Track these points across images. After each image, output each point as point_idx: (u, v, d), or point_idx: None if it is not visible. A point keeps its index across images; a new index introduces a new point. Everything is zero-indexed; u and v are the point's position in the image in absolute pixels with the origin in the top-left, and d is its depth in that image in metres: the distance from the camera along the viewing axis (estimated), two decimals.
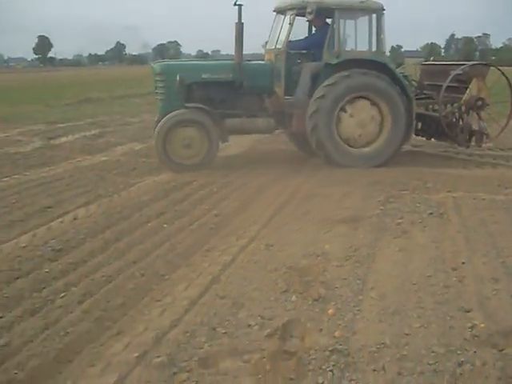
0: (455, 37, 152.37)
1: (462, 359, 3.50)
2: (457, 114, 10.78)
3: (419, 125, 11.30)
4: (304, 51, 10.10)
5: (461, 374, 3.36)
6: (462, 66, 10.34)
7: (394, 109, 9.55)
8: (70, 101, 23.72)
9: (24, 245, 5.67)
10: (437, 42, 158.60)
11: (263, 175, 8.87)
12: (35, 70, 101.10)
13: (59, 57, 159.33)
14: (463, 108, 10.47)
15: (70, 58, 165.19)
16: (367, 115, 9.59)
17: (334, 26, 9.52)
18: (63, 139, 13.21)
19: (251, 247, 5.64)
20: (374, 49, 9.84)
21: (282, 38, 9.70)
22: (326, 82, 9.26)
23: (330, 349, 3.61)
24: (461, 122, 10.64)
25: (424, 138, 11.72)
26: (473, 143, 10.70)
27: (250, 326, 3.97)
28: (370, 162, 9.57)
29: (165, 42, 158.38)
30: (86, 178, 8.78)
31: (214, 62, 11.18)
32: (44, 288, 4.61)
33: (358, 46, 10.15)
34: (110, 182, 8.49)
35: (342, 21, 9.72)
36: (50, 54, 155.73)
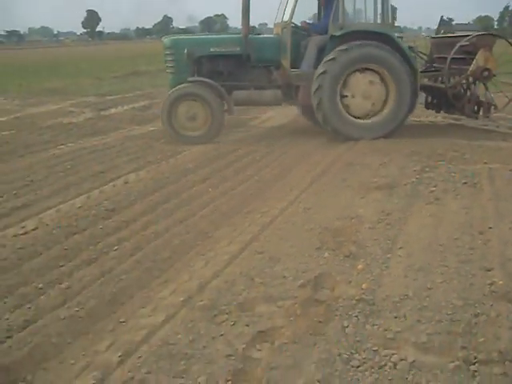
0: (510, 9, 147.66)
1: (479, 311, 3.80)
2: (464, 85, 10.81)
3: (429, 98, 11.51)
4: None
5: (476, 323, 3.66)
6: (468, 37, 10.31)
7: (398, 79, 9.65)
8: (119, 74, 24.42)
9: (79, 205, 6.18)
10: (490, 15, 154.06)
11: (304, 145, 9.20)
12: (84, 44, 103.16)
13: (107, 31, 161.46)
14: (470, 79, 10.51)
15: (117, 31, 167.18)
16: (372, 86, 9.74)
17: None
18: (113, 110, 13.80)
19: (289, 210, 6.00)
20: (378, 21, 10.00)
21: (288, 10, 9.88)
22: (326, 58, 9.44)
23: (356, 298, 3.97)
24: (468, 93, 10.68)
25: (434, 111, 11.83)
26: (481, 114, 10.76)
27: (284, 277, 4.35)
28: (377, 133, 9.73)
29: (212, 15, 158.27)
30: (136, 146, 9.29)
31: (222, 35, 11.50)
32: (99, 242, 5.09)
33: (364, 18, 10.33)
34: (158, 150, 8.96)
35: None
36: (99, 28, 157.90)
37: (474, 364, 3.20)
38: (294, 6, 9.71)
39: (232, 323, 3.67)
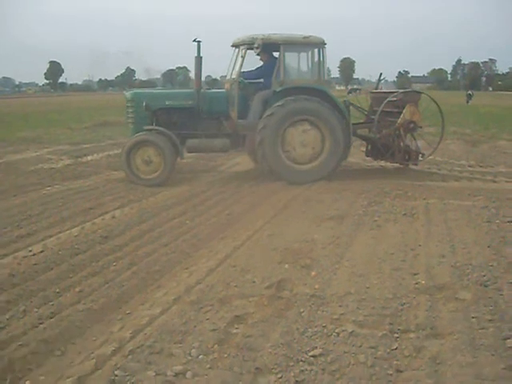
0: (462, 62, 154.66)
1: (404, 301, 4.98)
2: (395, 136, 11.84)
3: (369, 147, 12.89)
4: (254, 81, 11.58)
5: (401, 309, 4.83)
6: (396, 93, 11.81)
7: (332, 129, 10.92)
8: (89, 124, 25.38)
9: (76, 234, 7.19)
10: (443, 68, 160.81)
11: (268, 186, 10.39)
12: (46, 95, 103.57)
13: (70, 82, 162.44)
14: (399, 130, 11.70)
15: (79, 83, 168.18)
16: (310, 136, 10.99)
17: (280, 58, 10.98)
18: (89, 157, 14.78)
19: (256, 236, 7.14)
20: (315, 78, 11.39)
21: (236, 69, 11.31)
22: (266, 114, 10.73)
23: (310, 294, 5.11)
24: (397, 143, 11.81)
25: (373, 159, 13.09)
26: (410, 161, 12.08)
27: (254, 282, 5.47)
28: (310, 178, 10.83)
29: (174, 68, 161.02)
30: (117, 187, 10.35)
31: (177, 90, 12.98)
32: (99, 260, 6.13)
33: (303, 75, 11.79)
34: (139, 190, 10.04)
35: (287, 54, 11.15)
36: (61, 79, 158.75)
37: (396, 333, 4.35)
38: (241, 65, 11.10)
39: (215, 311, 4.77)
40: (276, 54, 11.31)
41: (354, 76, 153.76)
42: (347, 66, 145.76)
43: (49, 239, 6.97)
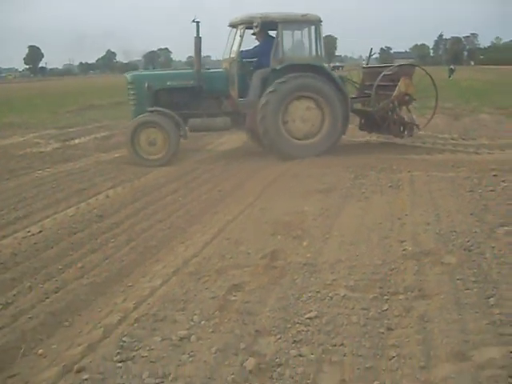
0: (443, 37, 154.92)
1: (393, 266, 5.23)
2: (390, 109, 12.20)
3: (362, 121, 13.24)
4: (252, 59, 11.78)
5: (390, 274, 5.07)
6: (392, 67, 12.14)
7: (331, 105, 11.21)
8: (73, 108, 25.41)
9: (72, 214, 7.38)
10: (426, 43, 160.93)
11: (256, 163, 10.61)
12: (27, 80, 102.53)
13: (50, 66, 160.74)
14: (394, 103, 12.04)
15: (60, 67, 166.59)
16: (310, 111, 11.27)
17: (278, 37, 11.15)
18: (77, 141, 14.89)
19: (247, 211, 7.35)
20: (313, 54, 11.54)
21: (235, 48, 11.44)
22: (267, 90, 10.94)
23: (303, 263, 5.34)
24: (392, 115, 12.18)
25: (366, 132, 13.56)
26: (405, 133, 12.45)
27: (248, 253, 5.69)
28: (311, 152, 11.09)
29: (155, 49, 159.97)
30: (108, 168, 10.52)
31: (177, 70, 12.95)
32: (97, 238, 6.33)
33: (299, 52, 11.97)
34: (129, 171, 10.21)
35: (285, 32, 11.33)
36: (41, 64, 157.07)
37: (386, 295, 4.60)
38: (239, 44, 11.28)
39: (213, 281, 4.99)
40: (272, 33, 11.51)
41: (337, 53, 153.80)
42: (329, 43, 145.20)
43: (46, 220, 7.14)
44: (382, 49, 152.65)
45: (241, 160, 11.08)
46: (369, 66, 13.93)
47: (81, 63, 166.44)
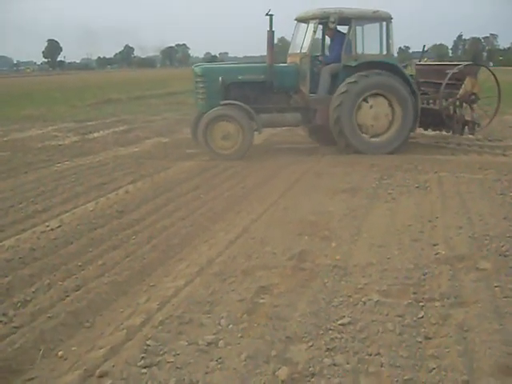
0: (463, 37, 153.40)
1: (426, 271, 5.01)
2: (455, 107, 12.26)
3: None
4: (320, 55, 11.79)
5: (424, 279, 4.85)
6: (459, 66, 11.95)
7: (404, 104, 11.12)
8: (92, 101, 25.35)
9: (91, 209, 7.22)
10: (444, 43, 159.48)
11: (278, 160, 10.39)
12: (45, 74, 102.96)
13: (68, 60, 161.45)
14: (458, 102, 12.05)
15: (78, 61, 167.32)
16: (381, 109, 11.18)
17: (351, 33, 11.12)
18: (96, 134, 14.77)
19: (271, 209, 7.14)
20: (384, 52, 11.42)
21: (306, 43, 11.33)
22: (348, 80, 10.86)
23: (332, 265, 5.13)
24: (456, 114, 12.18)
25: (422, 129, 13.27)
26: (466, 131, 12.34)
27: (274, 253, 5.49)
28: (384, 149, 11.13)
29: (173, 45, 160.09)
30: (127, 163, 10.35)
31: (248, 64, 12.57)
32: (118, 234, 6.15)
33: (369, 49, 11.69)
34: (149, 165, 10.03)
35: (358, 28, 11.25)
36: (60, 58, 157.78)
37: (421, 302, 4.38)
38: (313, 39, 11.20)
39: (239, 282, 4.79)
40: (340, 28, 11.50)
41: None
42: None
43: (65, 214, 6.99)
44: (400, 48, 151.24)
45: (263, 157, 10.86)
46: (422, 63, 13.82)
47: (99, 58, 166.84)
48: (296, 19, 11.98)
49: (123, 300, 4.58)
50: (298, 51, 11.69)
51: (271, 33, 10.98)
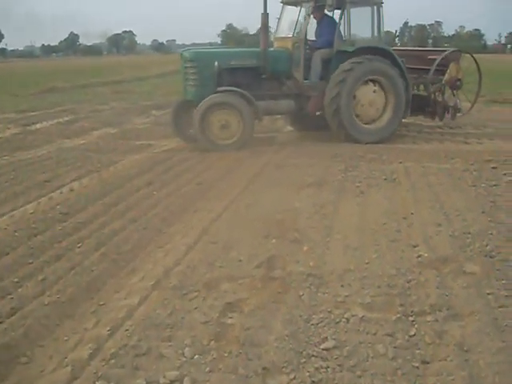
0: (409, 24, 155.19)
1: (410, 277, 4.50)
2: (441, 93, 12.14)
3: None
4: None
5: (408, 287, 4.35)
6: (445, 52, 11.92)
7: (396, 89, 10.84)
8: (35, 90, 24.03)
9: (32, 211, 6.43)
10: (391, 30, 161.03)
11: (236, 152, 9.72)
12: None
13: (10, 48, 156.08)
14: (444, 87, 11.99)
15: (21, 48, 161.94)
16: (375, 95, 10.83)
17: (345, 17, 10.64)
18: (38, 125, 13.78)
19: (232, 207, 6.53)
20: (375, 37, 11.09)
21: (301, 27, 10.81)
22: (343, 68, 10.40)
23: (306, 273, 4.56)
24: (441, 99, 12.07)
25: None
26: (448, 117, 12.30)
27: (240, 260, 4.88)
28: (381, 136, 10.87)
29: (120, 32, 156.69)
30: (73, 157, 9.52)
31: (240, 49, 11.92)
32: (62, 241, 5.42)
33: (359, 34, 11.39)
34: (96, 159, 9.25)
35: (352, 12, 10.72)
36: (1, 45, 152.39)
37: (411, 316, 3.86)
38: (307, 24, 10.67)
39: (202, 298, 4.17)
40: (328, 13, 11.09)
41: None
42: None
43: (0, 218, 6.21)
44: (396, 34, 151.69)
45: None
46: (401, 48, 13.56)
47: (43, 45, 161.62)
48: (283, 2, 11.35)
49: (68, 325, 3.89)
50: (289, 35, 11.15)
51: (265, 15, 10.33)
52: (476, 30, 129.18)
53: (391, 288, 4.32)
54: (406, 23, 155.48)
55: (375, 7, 10.95)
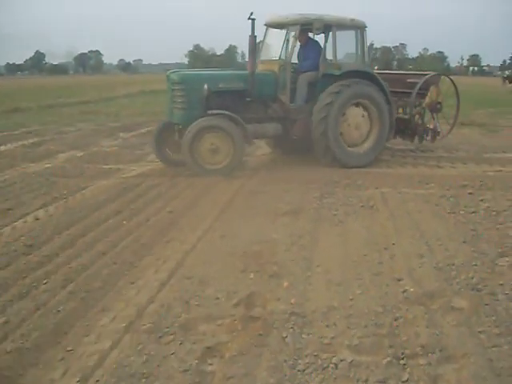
0: (374, 46, 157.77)
1: (397, 315, 4.29)
2: (420, 116, 12.27)
3: None
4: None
5: (397, 326, 4.13)
6: (426, 76, 12.04)
7: (381, 113, 10.87)
8: None
9: None
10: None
11: (206, 178, 9.47)
12: None
13: None
14: (424, 110, 12.16)
15: None
16: (361, 119, 10.84)
17: (331, 40, 10.69)
18: (2, 148, 13.28)
19: (207, 238, 6.25)
20: (359, 60, 11.16)
21: (287, 50, 10.83)
22: (331, 90, 10.37)
23: (288, 312, 4.31)
24: (420, 122, 12.23)
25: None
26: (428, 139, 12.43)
27: (217, 298, 4.60)
28: (366, 160, 10.85)
29: (86, 52, 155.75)
30: (37, 182, 9.12)
31: (227, 71, 11.63)
32: (26, 277, 5.07)
33: (350, 58, 11.46)
34: (62, 185, 8.87)
35: (338, 36, 10.76)
36: None
37: (402, 359, 3.64)
38: (293, 46, 10.58)
39: (179, 342, 3.88)
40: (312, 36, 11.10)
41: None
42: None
43: None
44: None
45: (188, 174, 9.90)
46: (382, 71, 13.97)
47: (7, 63, 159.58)
48: (267, 24, 11.22)
49: (31, 375, 3.54)
50: (274, 58, 11.11)
51: (253, 38, 10.15)
52: (439, 52, 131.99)
53: (379, 327, 4.09)
54: (371, 45, 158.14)
55: (359, 31, 11.02)
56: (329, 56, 10.93)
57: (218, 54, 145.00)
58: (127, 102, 29.08)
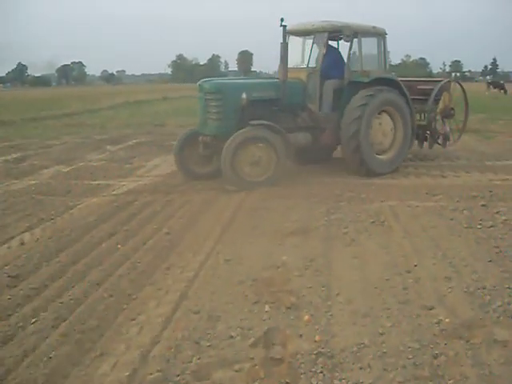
0: None
1: (436, 352, 3.79)
2: (434, 121, 12.32)
3: None
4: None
5: (438, 365, 3.63)
6: (441, 83, 12.19)
7: (405, 120, 10.92)
8: None
9: None
10: None
11: (203, 192, 8.95)
12: None
13: None
14: (439, 116, 12.31)
15: None
16: (387, 126, 10.79)
17: (357, 48, 10.69)
18: None
19: (210, 263, 5.70)
20: (382, 67, 11.20)
21: (315, 58, 10.65)
22: (358, 103, 10.22)
23: (314, 352, 3.79)
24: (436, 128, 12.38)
25: None
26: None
27: (231, 337, 4.07)
28: (389, 168, 10.83)
29: (69, 63, 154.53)
30: (22, 201, 8.52)
31: (260, 80, 11.38)
32: (11, 315, 4.51)
33: (374, 65, 11.25)
34: (48, 204, 8.29)
35: (362, 43, 10.76)
36: None
37: None
38: (323, 54, 10.37)
39: None
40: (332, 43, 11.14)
41: (252, 69, 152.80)
42: (245, 58, 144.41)
43: None
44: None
45: (183, 188, 9.35)
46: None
47: None
48: (290, 32, 10.69)
49: None
50: (302, 66, 10.88)
51: (285, 45, 9.90)
52: (421, 58, 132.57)
53: (419, 368, 3.59)
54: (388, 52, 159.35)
55: (380, 38, 11.04)
56: (366, 64, 10.95)
57: (202, 63, 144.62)
58: (112, 113, 28.42)
